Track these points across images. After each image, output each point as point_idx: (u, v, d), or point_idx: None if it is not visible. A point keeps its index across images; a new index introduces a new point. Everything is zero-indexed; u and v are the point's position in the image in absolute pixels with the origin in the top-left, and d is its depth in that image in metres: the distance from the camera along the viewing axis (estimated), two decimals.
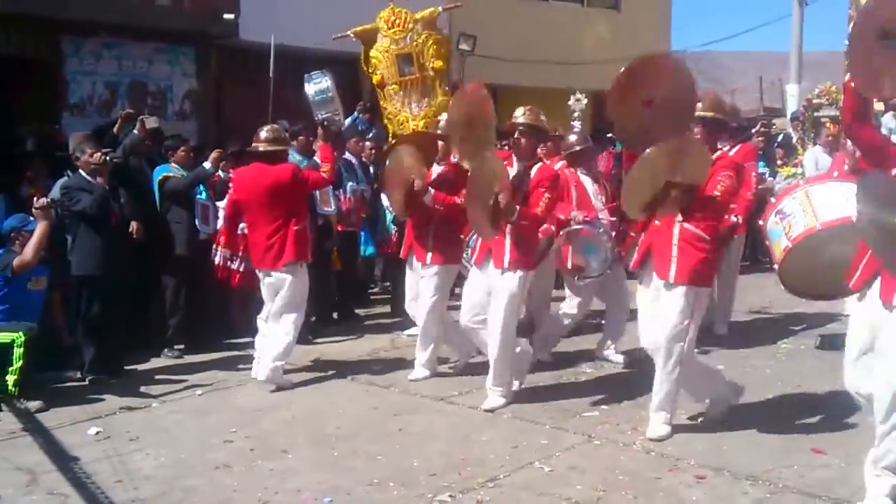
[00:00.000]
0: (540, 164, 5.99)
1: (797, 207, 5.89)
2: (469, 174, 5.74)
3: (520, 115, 5.94)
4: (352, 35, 7.57)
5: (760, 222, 5.75)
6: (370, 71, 8.13)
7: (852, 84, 4.04)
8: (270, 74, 8.18)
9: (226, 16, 11.80)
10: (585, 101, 9.61)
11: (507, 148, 6.64)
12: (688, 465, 4.81)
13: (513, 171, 5.84)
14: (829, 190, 5.90)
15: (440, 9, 6.99)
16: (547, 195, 5.76)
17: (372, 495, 4.51)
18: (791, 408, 5.79)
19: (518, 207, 5.60)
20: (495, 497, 4.47)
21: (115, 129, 8.27)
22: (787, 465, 4.71)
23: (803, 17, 19.48)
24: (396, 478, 4.70)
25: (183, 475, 4.81)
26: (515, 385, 6.05)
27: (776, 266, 5.65)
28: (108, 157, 6.67)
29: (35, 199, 6.15)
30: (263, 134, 6.57)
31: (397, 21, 7.47)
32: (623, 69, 4.91)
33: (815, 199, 5.84)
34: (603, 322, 7.27)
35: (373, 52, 7.71)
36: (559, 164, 6.96)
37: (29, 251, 6.02)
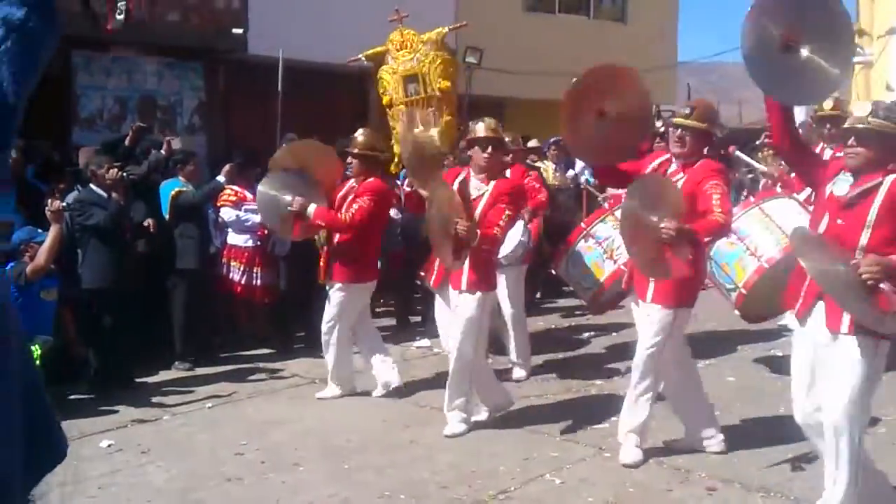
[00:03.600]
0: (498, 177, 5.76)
1: (755, 226, 5.88)
2: (427, 203, 5.57)
3: (480, 130, 5.70)
4: (363, 59, 7.61)
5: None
6: (381, 92, 8.22)
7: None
8: (279, 89, 8.25)
9: (234, 31, 11.90)
10: None
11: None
12: (699, 477, 4.80)
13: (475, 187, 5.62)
14: (783, 206, 5.93)
15: (447, 29, 7.02)
16: (507, 212, 5.47)
17: None
18: (776, 412, 5.76)
19: (478, 232, 5.30)
20: None
21: (126, 143, 8.36)
22: (799, 478, 4.70)
23: None
24: (407, 490, 4.70)
25: (194, 488, 4.83)
26: (484, 413, 5.88)
27: (742, 287, 5.65)
28: (124, 174, 6.74)
29: (49, 202, 6.17)
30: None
31: (406, 43, 7.52)
32: (574, 81, 4.90)
33: (775, 217, 5.85)
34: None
35: (382, 74, 7.78)
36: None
37: (42, 256, 6.05)
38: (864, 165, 3.91)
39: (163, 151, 7.82)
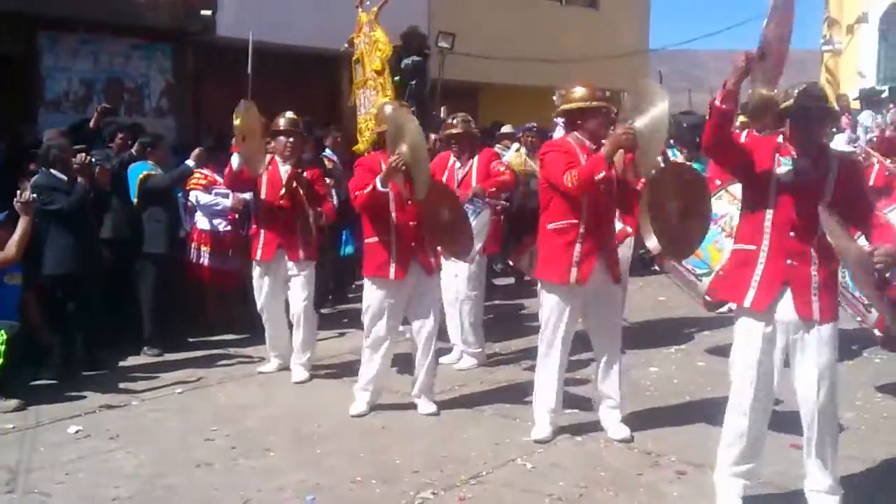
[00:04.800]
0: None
1: (730, 207, 5.90)
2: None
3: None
4: (347, 46, 7.57)
5: None
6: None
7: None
8: (248, 71, 8.13)
9: (203, 12, 11.74)
10: None
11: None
12: (669, 461, 4.84)
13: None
14: None
15: (375, 8, 6.97)
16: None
17: (355, 493, 4.50)
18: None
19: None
20: (478, 494, 4.48)
21: (91, 125, 8.24)
22: (767, 461, 4.73)
23: None
24: (379, 475, 4.69)
25: (164, 474, 4.79)
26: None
27: (721, 270, 5.68)
28: (92, 159, 6.66)
29: (18, 193, 6.07)
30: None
31: (359, 27, 7.47)
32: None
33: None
34: None
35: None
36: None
37: (13, 247, 5.95)
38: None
39: (133, 151, 7.76)
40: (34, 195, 6.12)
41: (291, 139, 6.63)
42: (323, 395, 6.27)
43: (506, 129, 11.27)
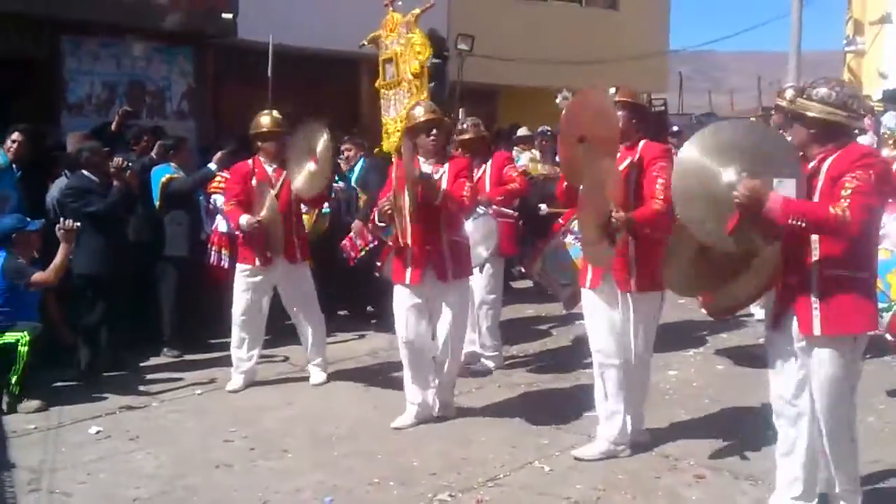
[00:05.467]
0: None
1: None
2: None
3: (421, 114, 5.59)
4: (366, 43, 7.54)
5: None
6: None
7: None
8: (269, 74, 8.18)
9: (224, 15, 11.79)
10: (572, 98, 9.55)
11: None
12: (687, 465, 4.82)
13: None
14: None
15: (417, 10, 6.97)
16: (468, 184, 5.50)
17: (372, 495, 4.51)
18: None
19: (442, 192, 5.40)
20: (495, 496, 4.48)
21: (113, 128, 8.30)
22: None
23: (802, 16, 19.52)
24: (396, 477, 4.70)
25: (183, 474, 4.82)
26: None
27: None
28: (128, 162, 6.78)
29: (62, 220, 6.14)
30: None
31: (392, 27, 7.46)
32: (566, 110, 4.97)
33: None
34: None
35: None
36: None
37: (52, 272, 6.03)
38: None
39: (153, 155, 7.82)
40: (77, 223, 6.20)
41: (276, 140, 6.53)
42: (340, 397, 6.29)
43: (522, 131, 11.24)
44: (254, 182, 6.47)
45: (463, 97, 12.18)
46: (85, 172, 6.68)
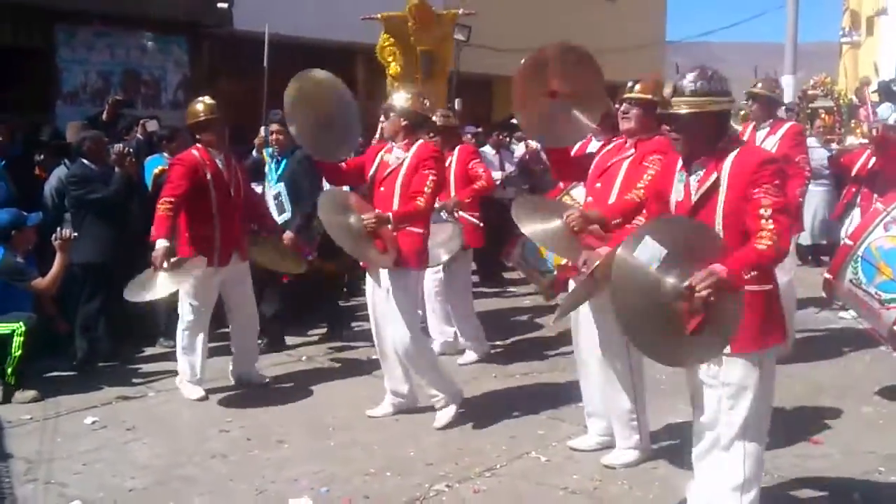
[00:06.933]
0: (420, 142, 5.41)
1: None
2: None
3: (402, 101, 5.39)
4: (380, 18, 7.50)
5: None
6: (389, 60, 8.03)
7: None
8: (265, 64, 8.15)
9: (220, 5, 11.76)
10: None
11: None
12: (684, 455, 4.81)
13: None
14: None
15: (461, 11, 6.97)
16: (431, 177, 5.21)
17: (369, 485, 4.51)
18: (789, 398, 5.80)
19: (390, 216, 5.14)
20: (492, 486, 4.48)
21: (104, 117, 8.28)
22: (785, 456, 4.72)
23: (798, 7, 19.52)
24: (393, 467, 4.70)
25: (179, 464, 4.82)
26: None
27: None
28: (129, 149, 6.78)
29: (59, 230, 6.11)
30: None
31: (424, 16, 7.40)
32: (525, 60, 4.65)
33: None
34: None
35: (387, 43, 7.59)
36: None
37: (49, 281, 6.02)
38: (686, 151, 3.56)
39: (139, 135, 7.78)
40: (75, 233, 6.18)
41: (217, 127, 6.07)
42: (337, 388, 6.28)
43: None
44: (208, 176, 5.89)
45: (459, 87, 12.15)
46: (85, 161, 6.68)
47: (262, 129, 8.04)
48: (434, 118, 6.72)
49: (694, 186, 3.54)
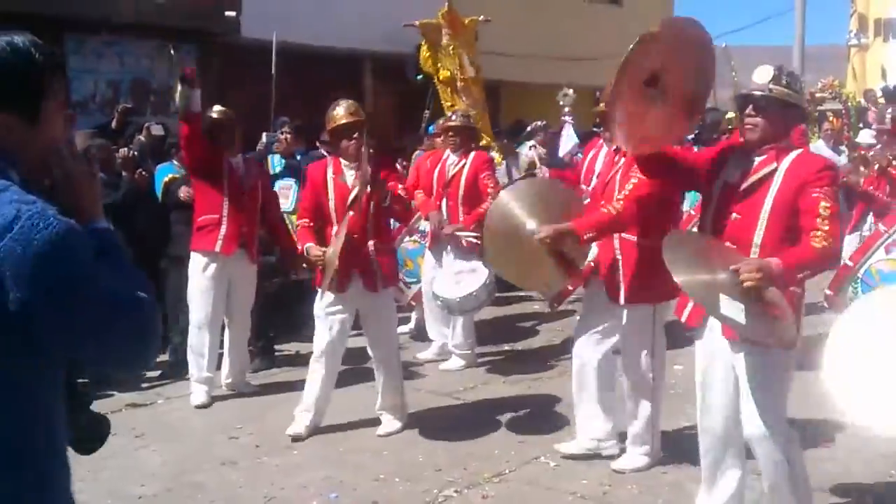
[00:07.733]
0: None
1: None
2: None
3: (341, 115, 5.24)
4: (417, 25, 7.55)
5: None
6: (437, 66, 8.05)
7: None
8: (273, 72, 8.19)
9: (228, 13, 11.81)
10: (574, 95, 9.53)
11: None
12: (693, 459, 4.79)
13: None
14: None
15: (480, 18, 7.03)
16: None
17: (378, 490, 4.51)
18: (799, 402, 5.77)
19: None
20: (501, 492, 4.47)
21: (113, 125, 8.32)
22: None
23: (806, 10, 19.50)
24: (402, 473, 4.70)
25: (189, 471, 4.83)
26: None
27: None
28: (135, 153, 6.82)
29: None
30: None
31: (454, 21, 7.48)
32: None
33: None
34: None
35: (428, 53, 7.64)
36: None
37: None
38: (762, 139, 3.51)
39: (141, 138, 7.80)
40: None
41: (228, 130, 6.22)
42: (345, 394, 6.27)
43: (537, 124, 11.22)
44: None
45: None
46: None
47: (264, 134, 8.08)
48: (453, 119, 6.86)
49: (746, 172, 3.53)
